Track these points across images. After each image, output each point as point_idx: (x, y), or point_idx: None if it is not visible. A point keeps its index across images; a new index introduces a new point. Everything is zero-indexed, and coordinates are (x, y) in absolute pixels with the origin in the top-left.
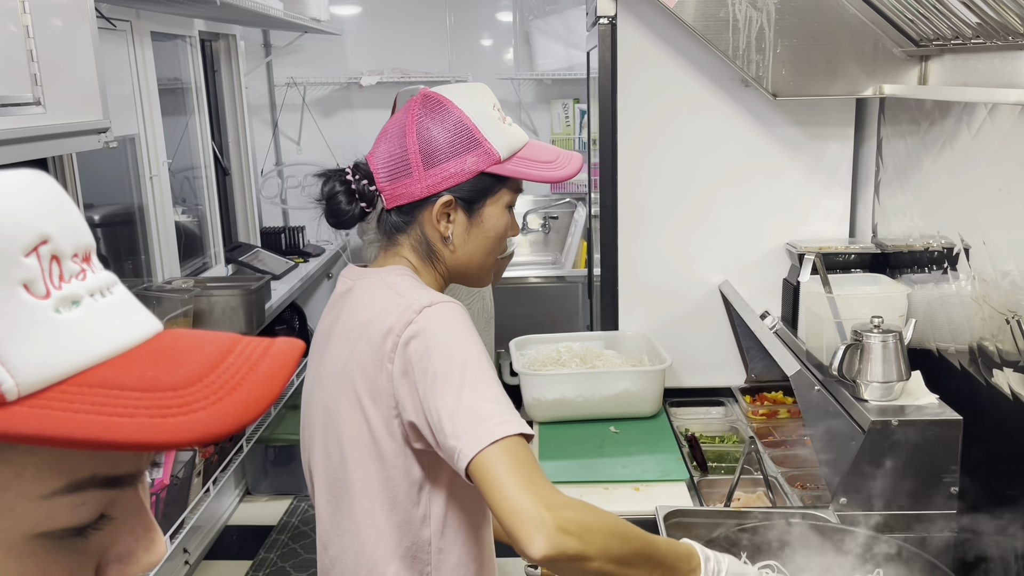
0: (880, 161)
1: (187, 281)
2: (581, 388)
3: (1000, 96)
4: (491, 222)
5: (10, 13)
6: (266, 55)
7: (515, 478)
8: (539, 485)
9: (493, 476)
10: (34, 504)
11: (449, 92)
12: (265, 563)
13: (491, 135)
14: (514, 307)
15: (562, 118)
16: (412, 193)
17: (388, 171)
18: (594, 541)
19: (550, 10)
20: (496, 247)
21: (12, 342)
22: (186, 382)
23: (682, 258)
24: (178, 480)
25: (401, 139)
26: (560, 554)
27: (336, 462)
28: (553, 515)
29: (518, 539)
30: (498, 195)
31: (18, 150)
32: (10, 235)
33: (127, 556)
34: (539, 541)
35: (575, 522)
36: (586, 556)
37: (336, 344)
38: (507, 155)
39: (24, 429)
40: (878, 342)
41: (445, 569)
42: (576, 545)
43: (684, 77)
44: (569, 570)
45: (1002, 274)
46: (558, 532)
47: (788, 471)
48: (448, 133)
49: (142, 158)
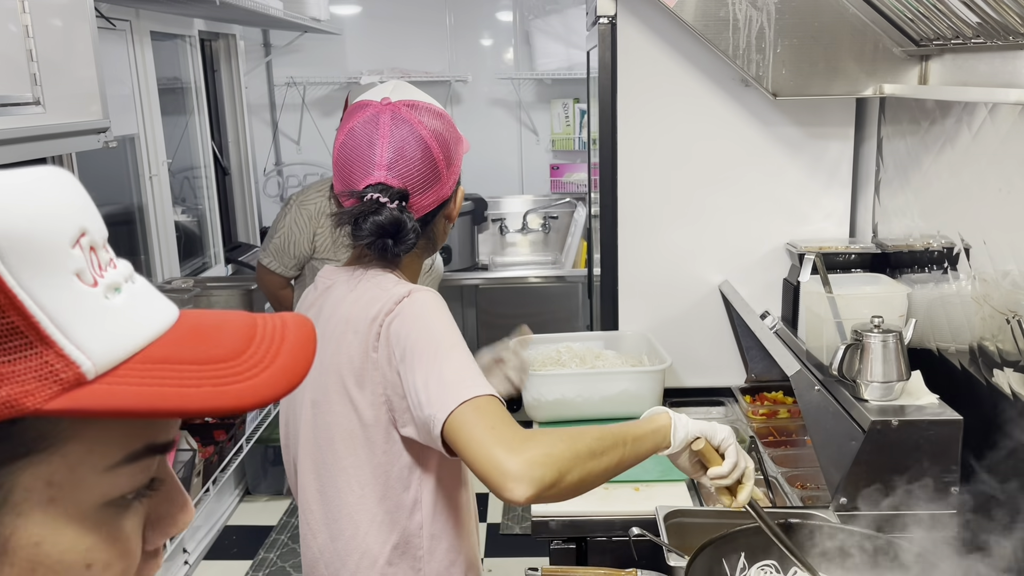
0: (880, 161)
1: (187, 281)
2: (581, 388)
3: (1000, 96)
4: (457, 205)
5: (10, 13)
6: (266, 55)
7: (482, 432)
8: (503, 432)
9: (463, 435)
10: (101, 475)
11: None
12: (265, 563)
13: None
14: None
15: (562, 118)
16: (441, 195)
17: (417, 183)
18: (563, 457)
19: (550, 10)
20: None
21: (80, 327)
22: (232, 354)
23: (682, 258)
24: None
25: (423, 149)
26: (540, 489)
27: (327, 452)
28: (521, 459)
29: (499, 492)
30: None
31: (18, 150)
32: (58, 229)
33: (167, 518)
34: (517, 488)
35: (542, 455)
36: (563, 472)
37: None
38: None
39: (108, 404)
40: (878, 342)
41: (438, 553)
42: (550, 473)
43: (684, 77)
44: (559, 496)
45: (1002, 274)
46: (530, 470)
47: (788, 471)
48: (448, 127)
49: (142, 158)
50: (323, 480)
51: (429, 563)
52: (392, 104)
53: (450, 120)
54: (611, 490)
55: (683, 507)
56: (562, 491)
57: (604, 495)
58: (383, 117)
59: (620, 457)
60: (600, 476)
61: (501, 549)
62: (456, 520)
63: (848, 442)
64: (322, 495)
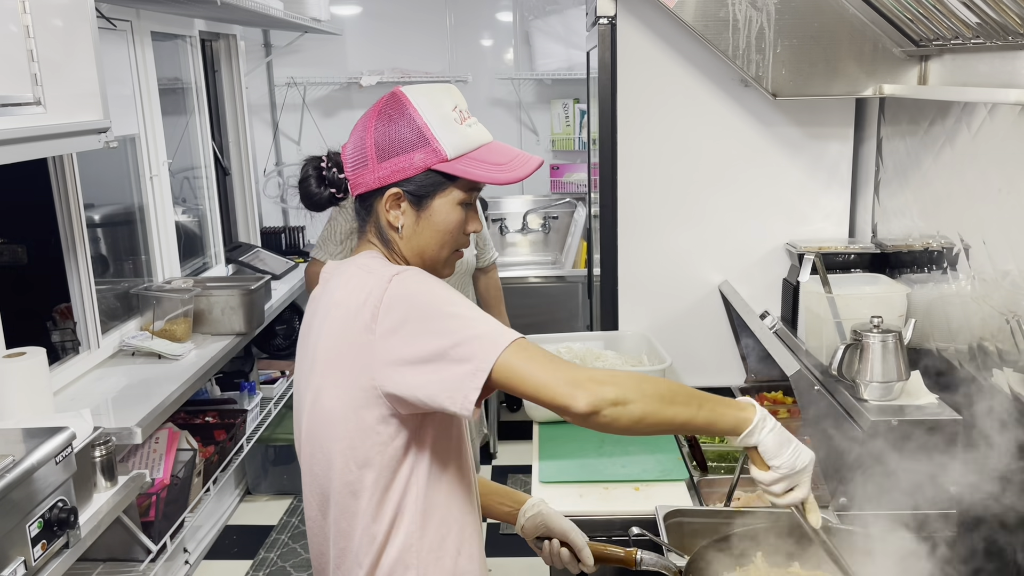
0: (880, 161)
1: (187, 281)
2: None
3: (1000, 96)
4: (440, 217)
5: (10, 13)
6: (266, 55)
7: (539, 361)
8: (561, 360)
9: (519, 369)
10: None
11: (412, 92)
12: (265, 563)
13: (442, 134)
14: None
15: (562, 118)
16: (367, 183)
17: (351, 162)
18: (628, 385)
19: (550, 10)
20: (449, 241)
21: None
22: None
23: (682, 258)
24: (178, 480)
25: (363, 133)
26: (601, 401)
27: (322, 434)
28: (584, 373)
29: (560, 402)
30: (447, 192)
31: (18, 150)
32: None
33: None
34: (580, 396)
35: (606, 374)
36: (627, 399)
37: (317, 329)
38: (455, 154)
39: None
40: (878, 342)
41: (431, 533)
42: (613, 391)
43: (684, 77)
44: (618, 420)
45: (1002, 274)
46: (593, 383)
47: None
48: (400, 130)
49: (142, 158)
50: (320, 462)
51: (422, 543)
52: (394, 91)
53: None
54: (611, 490)
55: (683, 507)
56: (621, 417)
57: (604, 495)
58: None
59: (691, 416)
60: (666, 423)
61: (501, 549)
62: (450, 497)
63: (848, 442)
64: (322, 477)
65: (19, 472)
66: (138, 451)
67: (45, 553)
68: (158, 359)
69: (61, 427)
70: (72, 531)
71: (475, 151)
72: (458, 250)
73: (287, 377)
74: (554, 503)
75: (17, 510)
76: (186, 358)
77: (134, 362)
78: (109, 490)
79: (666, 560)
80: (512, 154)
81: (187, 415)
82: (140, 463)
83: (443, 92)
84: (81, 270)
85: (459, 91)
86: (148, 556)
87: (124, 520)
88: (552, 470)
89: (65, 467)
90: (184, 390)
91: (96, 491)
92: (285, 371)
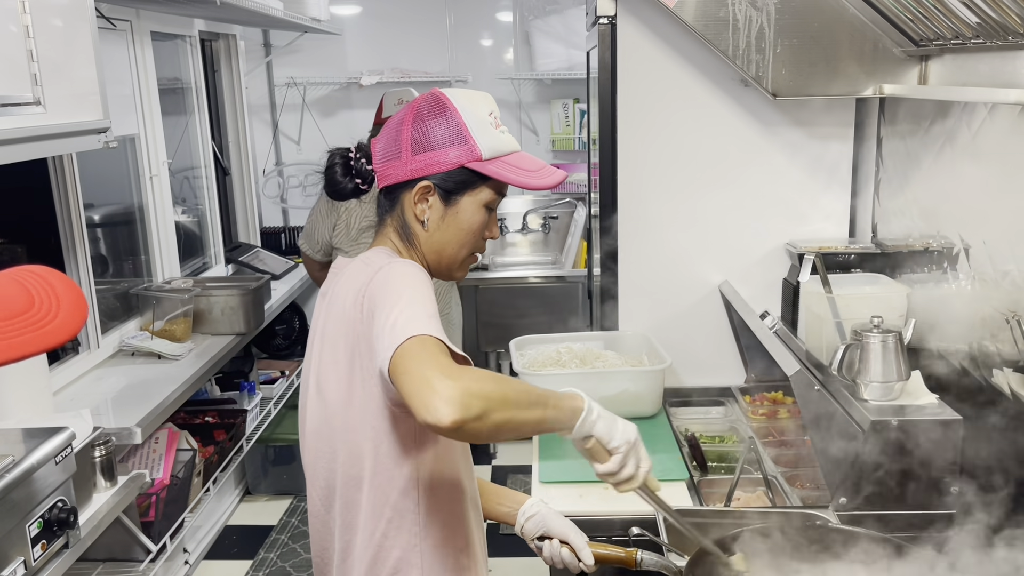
0: (880, 161)
1: (187, 281)
2: (581, 388)
3: (1000, 96)
4: (466, 215)
5: (10, 13)
6: (266, 55)
7: (422, 359)
8: (441, 360)
9: (403, 365)
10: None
11: (452, 93)
12: (265, 563)
13: (479, 135)
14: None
15: (562, 118)
16: (398, 175)
17: (383, 154)
18: (494, 396)
19: (550, 10)
20: (469, 241)
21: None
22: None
23: (682, 258)
24: (178, 480)
25: (399, 126)
26: (466, 418)
27: (327, 428)
28: (456, 384)
29: (425, 412)
30: (476, 191)
31: (18, 150)
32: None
33: None
34: (444, 409)
35: (476, 387)
36: (488, 412)
37: (322, 324)
38: (490, 156)
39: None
40: (878, 342)
41: (433, 529)
42: (478, 405)
43: (684, 77)
44: (479, 434)
45: (1002, 274)
46: (462, 397)
47: (788, 471)
48: (439, 127)
49: (142, 158)
50: (324, 455)
51: (424, 539)
52: (434, 91)
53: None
54: (611, 490)
55: (683, 507)
56: (483, 428)
57: (604, 495)
58: None
59: (542, 417)
60: (520, 427)
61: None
62: (453, 492)
63: (848, 442)
64: (326, 470)
65: (19, 472)
66: (138, 451)
67: (45, 553)
68: (158, 359)
69: (61, 427)
70: (72, 531)
71: (507, 156)
72: (474, 253)
73: (287, 377)
74: (554, 503)
75: (17, 510)
76: (186, 358)
77: (134, 362)
78: (109, 490)
79: (666, 560)
80: (540, 164)
81: (187, 415)
82: (140, 463)
83: (481, 97)
84: (81, 270)
85: (494, 100)
86: (148, 556)
87: (124, 520)
88: (552, 470)
89: (65, 467)
90: (184, 390)
91: (96, 491)
92: (285, 371)
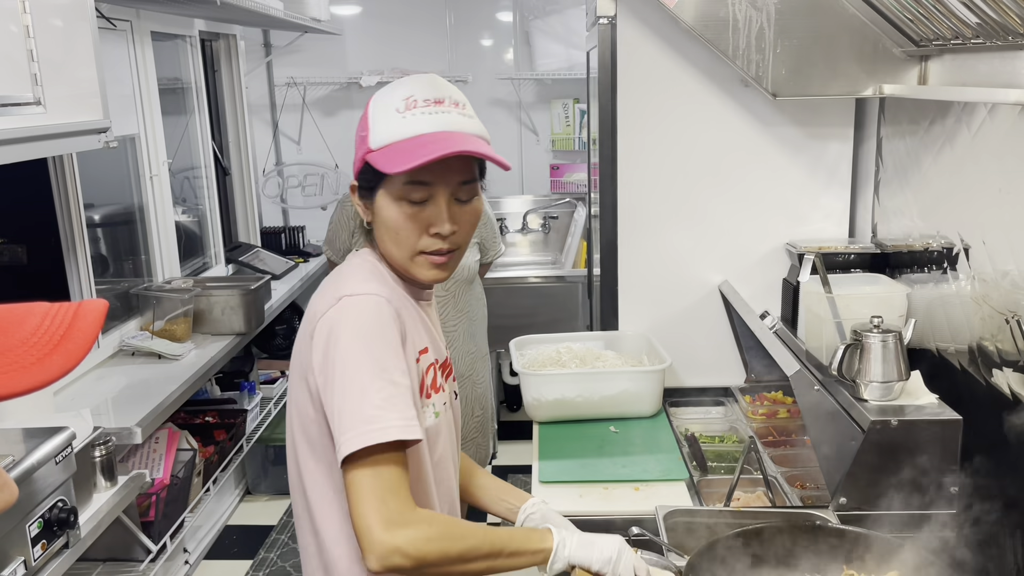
0: (880, 161)
1: (187, 281)
2: (581, 388)
3: (1000, 96)
4: (385, 212)
5: (10, 13)
6: (266, 55)
7: (369, 493)
8: (389, 502)
9: (353, 488)
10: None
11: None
12: (265, 563)
13: (376, 125)
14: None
15: (562, 118)
16: (355, 164)
17: None
18: (431, 553)
19: (550, 10)
20: (402, 239)
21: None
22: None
23: (682, 258)
24: (178, 480)
25: None
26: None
27: (295, 442)
28: (391, 535)
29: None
30: (385, 185)
31: (18, 150)
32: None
33: None
34: (371, 561)
35: (410, 546)
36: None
37: None
38: (379, 145)
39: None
40: (878, 342)
41: None
42: (410, 563)
43: (684, 77)
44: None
45: (1002, 274)
46: (391, 555)
47: (788, 471)
48: (361, 124)
49: (142, 158)
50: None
51: None
52: None
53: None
54: (611, 490)
55: (683, 507)
56: None
57: (604, 495)
58: None
59: (489, 567)
60: None
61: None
62: None
63: (848, 442)
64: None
65: (19, 472)
66: (138, 451)
67: (45, 553)
68: (158, 359)
69: (61, 427)
70: (72, 531)
71: (404, 141)
72: (427, 253)
73: (287, 377)
74: (554, 503)
75: (17, 510)
76: (186, 358)
77: (134, 362)
78: (109, 490)
79: (666, 560)
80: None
81: (187, 415)
82: (140, 463)
83: (409, 81)
84: (81, 270)
85: (440, 80)
86: (148, 556)
87: (124, 520)
88: (552, 470)
89: (65, 467)
90: (184, 390)
91: (96, 491)
92: (285, 371)
